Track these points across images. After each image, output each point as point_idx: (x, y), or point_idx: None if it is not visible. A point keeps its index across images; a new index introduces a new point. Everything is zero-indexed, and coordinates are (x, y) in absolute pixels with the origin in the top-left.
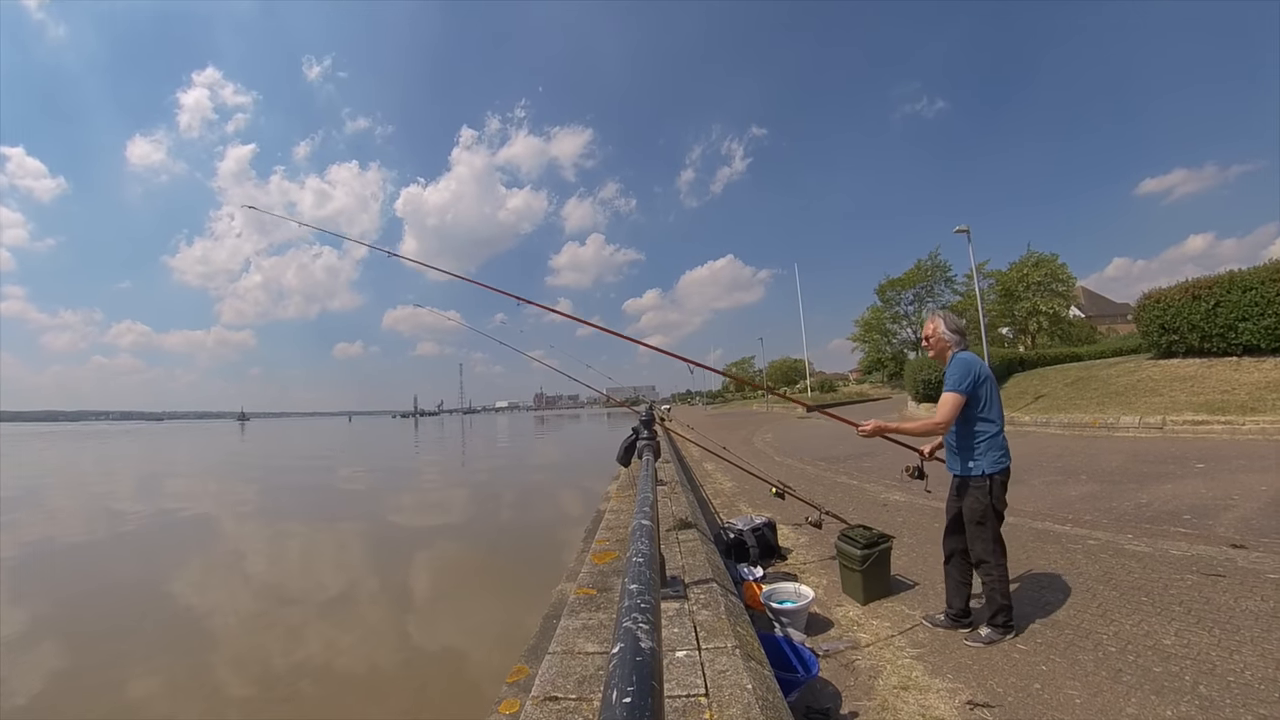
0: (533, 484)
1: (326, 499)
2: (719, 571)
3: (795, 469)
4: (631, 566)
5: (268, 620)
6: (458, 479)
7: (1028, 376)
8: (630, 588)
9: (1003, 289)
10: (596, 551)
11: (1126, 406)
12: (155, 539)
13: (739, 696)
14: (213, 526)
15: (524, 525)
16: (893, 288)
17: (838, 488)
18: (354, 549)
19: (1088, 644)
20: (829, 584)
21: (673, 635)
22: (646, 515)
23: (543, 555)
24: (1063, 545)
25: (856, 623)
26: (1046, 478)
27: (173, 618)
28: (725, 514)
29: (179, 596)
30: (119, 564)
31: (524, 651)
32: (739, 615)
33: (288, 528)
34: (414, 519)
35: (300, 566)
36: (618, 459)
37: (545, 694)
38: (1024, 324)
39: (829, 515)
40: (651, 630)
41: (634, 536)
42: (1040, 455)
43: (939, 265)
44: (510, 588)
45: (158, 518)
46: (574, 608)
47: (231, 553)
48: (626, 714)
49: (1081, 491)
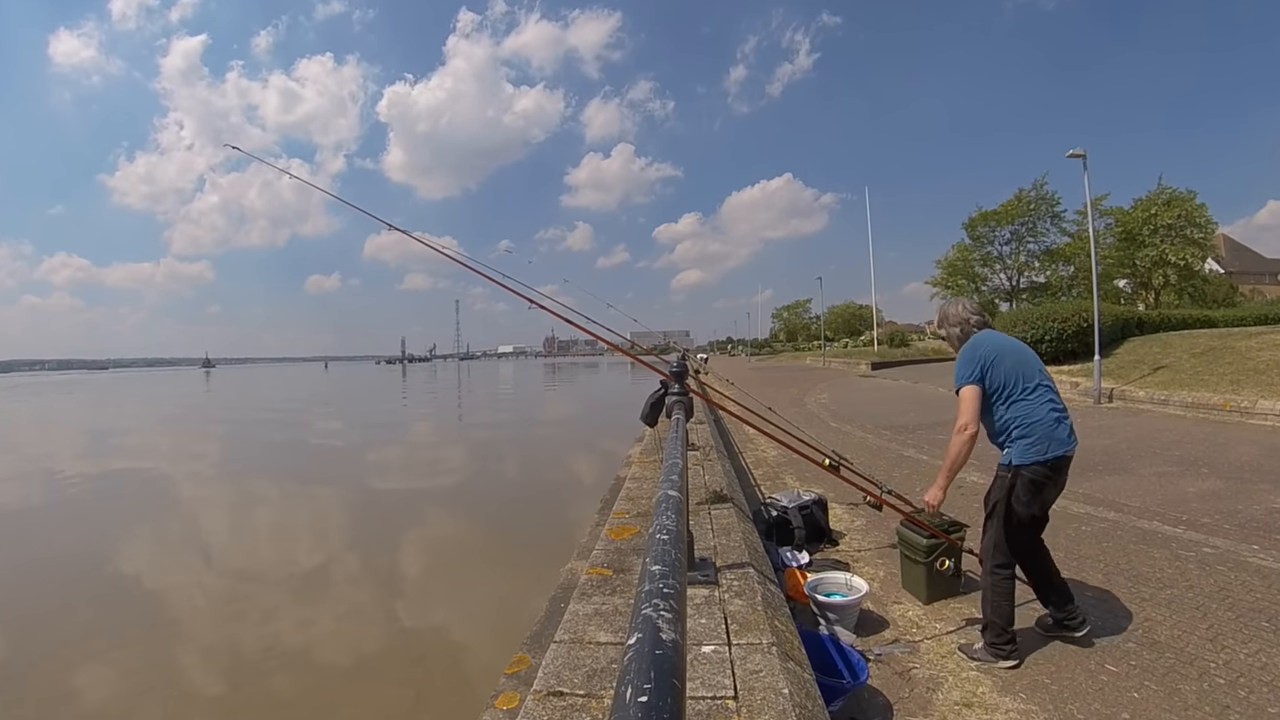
0: (541, 444)
1: (301, 459)
2: (757, 555)
3: (854, 438)
4: (654, 544)
5: (235, 600)
6: (453, 437)
7: (1146, 342)
8: (652, 569)
9: (1123, 231)
10: (614, 525)
11: (1268, 388)
12: (103, 505)
13: (773, 702)
14: (170, 490)
15: (530, 493)
16: (985, 222)
17: (904, 463)
18: (333, 518)
19: (1191, 672)
20: (886, 577)
21: (699, 627)
22: (674, 485)
23: (551, 528)
24: (1172, 551)
25: (916, 624)
26: (1159, 468)
27: (125, 597)
28: (768, 487)
29: (131, 573)
30: (60, 534)
31: (526, 639)
32: (778, 607)
33: (257, 491)
34: (402, 483)
35: (272, 537)
36: (642, 417)
37: (549, 688)
38: (1146, 276)
39: (892, 495)
40: (675, 620)
41: (658, 509)
42: (1153, 440)
43: (1045, 197)
44: (512, 565)
45: (105, 480)
46: (585, 590)
47: (193, 521)
48: (642, 714)
49: (1201, 488)
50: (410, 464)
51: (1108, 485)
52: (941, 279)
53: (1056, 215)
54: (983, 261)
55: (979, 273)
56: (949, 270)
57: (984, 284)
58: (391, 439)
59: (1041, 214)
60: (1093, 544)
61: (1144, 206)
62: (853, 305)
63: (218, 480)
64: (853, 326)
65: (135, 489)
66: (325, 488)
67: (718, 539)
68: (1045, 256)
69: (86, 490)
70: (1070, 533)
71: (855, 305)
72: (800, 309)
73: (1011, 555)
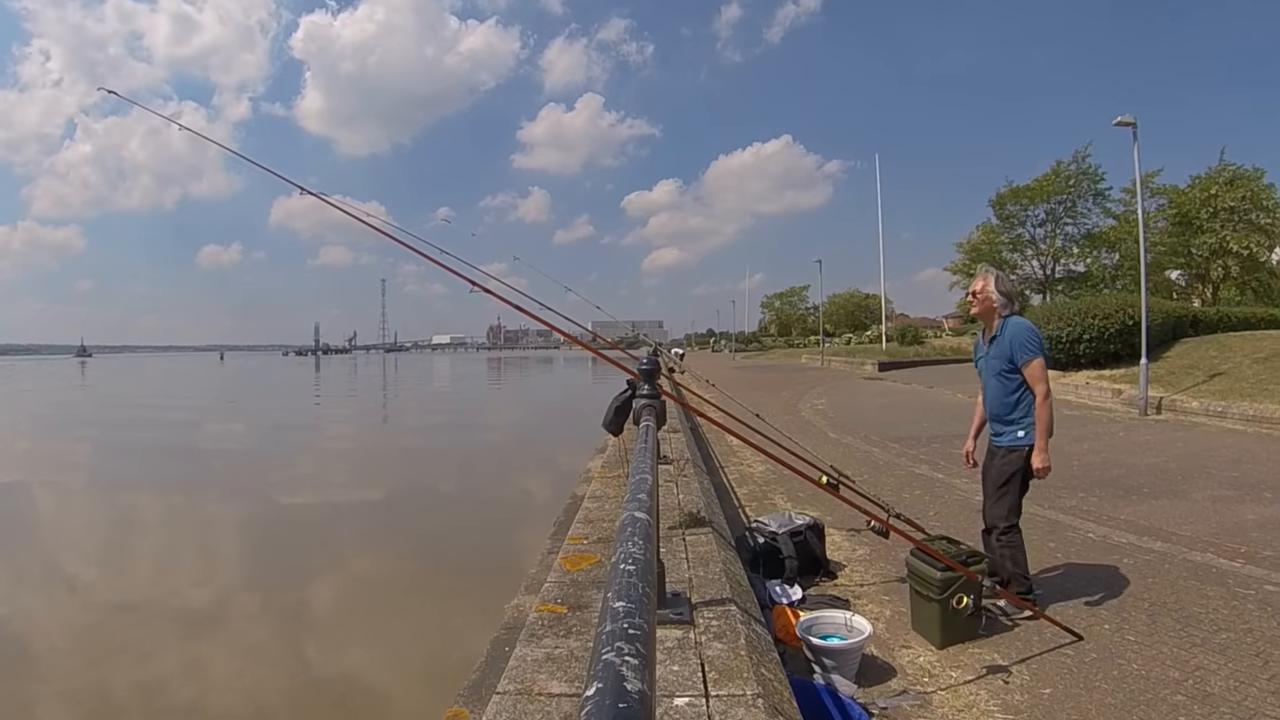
0: (483, 454)
1: (190, 468)
2: (740, 589)
3: (857, 451)
4: (618, 576)
5: (107, 638)
6: (376, 444)
7: (1201, 344)
8: (615, 606)
9: (1177, 214)
10: (569, 553)
11: None
12: None
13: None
14: (26, 502)
15: (469, 512)
16: (1016, 199)
17: (915, 481)
18: (228, 539)
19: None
20: (893, 616)
21: (671, 675)
22: (642, 505)
23: (494, 555)
24: (1228, 589)
25: (928, 672)
26: (1214, 491)
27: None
28: (754, 509)
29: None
30: None
31: (463, 689)
32: (765, 652)
33: (134, 505)
34: (312, 497)
35: (154, 562)
36: (604, 424)
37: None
38: (1203, 267)
39: (901, 520)
40: (642, 667)
41: (622, 534)
42: (1208, 458)
43: (1087, 172)
44: (446, 599)
45: None
46: (535, 630)
47: (55, 539)
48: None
49: (1263, 515)
50: (324, 475)
51: (1154, 511)
52: (963, 265)
53: (1100, 193)
54: (1012, 245)
55: (1007, 259)
56: (972, 255)
57: (1013, 271)
58: (302, 446)
59: (1082, 191)
60: (1136, 579)
61: (1203, 186)
62: (858, 294)
63: (85, 493)
64: (857, 319)
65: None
66: (220, 503)
67: (694, 570)
68: (1085, 241)
69: None
70: (1111, 566)
71: (860, 294)
72: (795, 297)
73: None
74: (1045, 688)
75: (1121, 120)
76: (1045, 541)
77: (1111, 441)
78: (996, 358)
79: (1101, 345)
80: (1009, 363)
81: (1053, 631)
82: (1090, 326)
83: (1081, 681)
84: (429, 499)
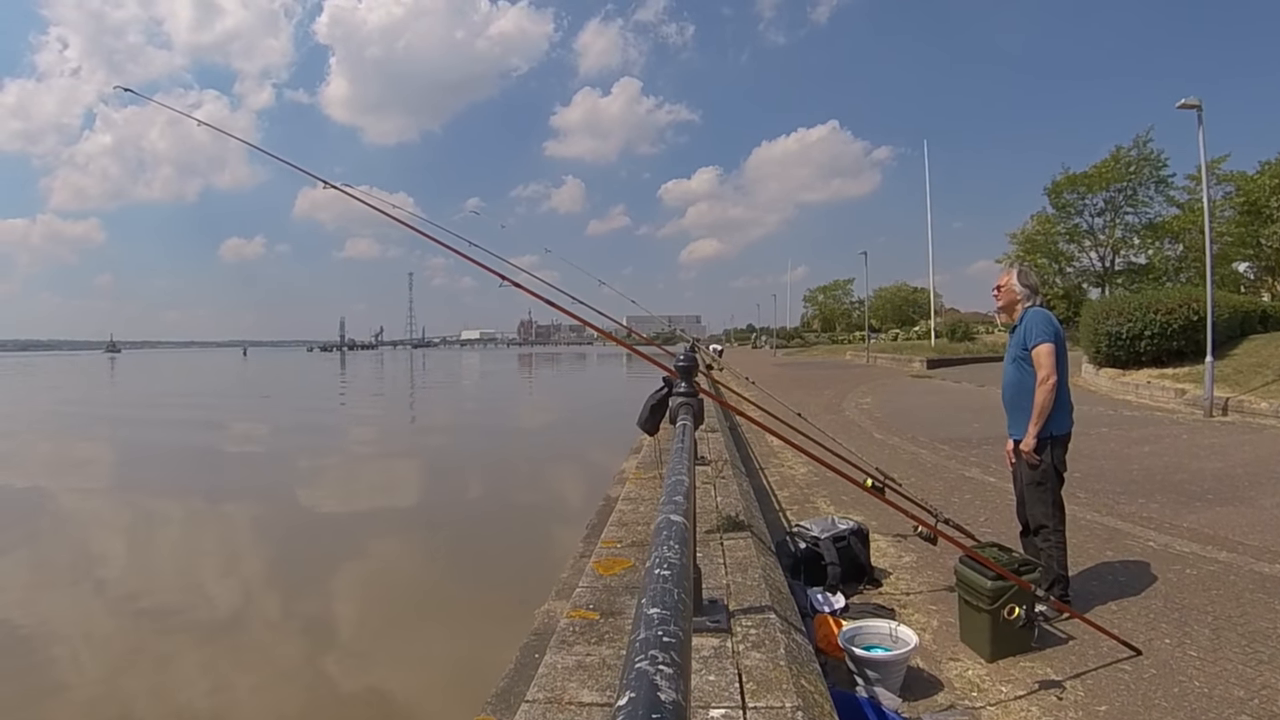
0: (514, 456)
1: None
2: (780, 597)
3: (904, 453)
4: (652, 581)
5: (128, 648)
6: (404, 445)
7: (1271, 341)
8: (649, 613)
9: (1245, 202)
10: (602, 557)
11: None
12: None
13: None
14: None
15: (498, 516)
16: (1073, 187)
17: (965, 484)
18: (251, 545)
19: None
20: (940, 627)
21: (707, 685)
22: (678, 508)
23: (524, 560)
24: None
25: (977, 686)
26: None
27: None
28: (795, 513)
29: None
30: None
31: (490, 697)
32: (805, 663)
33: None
34: (338, 503)
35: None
36: (640, 423)
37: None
38: (1273, 259)
39: (949, 525)
40: (676, 676)
41: (658, 538)
42: (1278, 463)
43: (1149, 158)
44: (474, 605)
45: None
46: (566, 637)
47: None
48: None
49: None
50: (350, 479)
51: (1219, 519)
52: (1016, 256)
53: (1162, 180)
54: (1069, 236)
55: (1063, 250)
56: (1026, 246)
57: (1070, 263)
58: (326, 447)
59: (1144, 179)
60: (1199, 591)
61: (1273, 172)
62: (905, 288)
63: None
64: (905, 314)
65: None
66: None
67: (731, 576)
68: (1147, 231)
69: None
70: (1172, 577)
71: (908, 288)
72: (840, 291)
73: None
74: (1101, 704)
75: (1185, 103)
76: (1103, 550)
77: (1174, 444)
78: (1014, 345)
79: (1164, 342)
80: (1024, 349)
81: (1109, 645)
82: (1152, 322)
83: (1140, 699)
84: (458, 500)
